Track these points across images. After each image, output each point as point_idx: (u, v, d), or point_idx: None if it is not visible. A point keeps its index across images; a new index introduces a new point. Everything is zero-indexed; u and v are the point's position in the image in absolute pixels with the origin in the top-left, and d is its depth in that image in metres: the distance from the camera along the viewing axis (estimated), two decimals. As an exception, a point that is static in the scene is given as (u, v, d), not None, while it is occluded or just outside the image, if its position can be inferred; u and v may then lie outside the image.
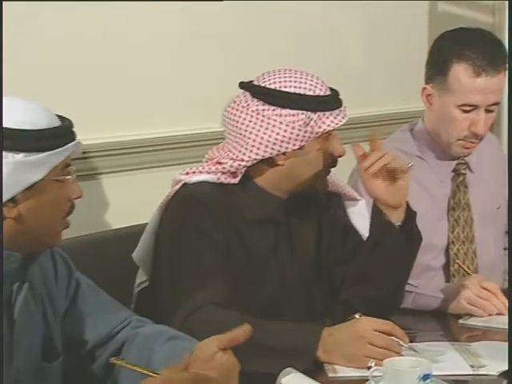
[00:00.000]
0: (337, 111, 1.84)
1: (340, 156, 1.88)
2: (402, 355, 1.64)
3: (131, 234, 2.01)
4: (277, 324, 1.75)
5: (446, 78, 2.17)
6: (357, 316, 1.70)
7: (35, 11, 2.12)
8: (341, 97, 1.89)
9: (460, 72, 2.15)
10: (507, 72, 2.20)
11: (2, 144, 1.34)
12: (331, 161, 1.88)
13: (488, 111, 2.17)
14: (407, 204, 1.88)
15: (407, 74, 2.28)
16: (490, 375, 1.66)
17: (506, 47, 2.27)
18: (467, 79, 2.15)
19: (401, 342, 1.66)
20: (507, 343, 1.62)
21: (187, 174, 1.89)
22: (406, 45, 3.32)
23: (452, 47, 2.18)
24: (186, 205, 1.83)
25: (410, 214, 1.88)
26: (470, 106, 2.16)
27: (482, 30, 2.24)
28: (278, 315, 1.87)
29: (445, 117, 2.20)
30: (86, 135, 1.82)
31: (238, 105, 1.86)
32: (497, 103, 2.19)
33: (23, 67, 2.08)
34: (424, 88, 2.24)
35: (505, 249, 2.41)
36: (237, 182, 1.86)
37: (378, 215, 1.86)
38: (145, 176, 2.41)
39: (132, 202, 2.34)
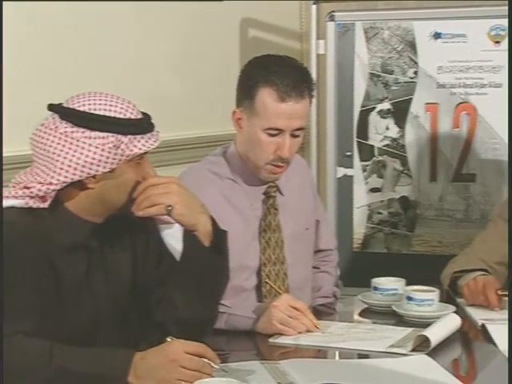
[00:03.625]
0: (148, 135, 1.84)
1: None
2: (213, 376, 1.66)
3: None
4: (88, 350, 1.72)
5: (253, 102, 2.22)
6: (169, 339, 1.71)
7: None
8: (154, 120, 1.89)
9: (266, 97, 2.21)
10: (507, 72, 2.25)
11: (2, 144, 1.29)
12: None
13: (293, 136, 2.24)
14: (215, 223, 1.90)
15: (220, 98, 2.32)
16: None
17: (313, 74, 2.35)
18: (272, 104, 2.20)
19: (212, 364, 1.68)
20: (507, 343, 1.69)
21: (-5, 199, 1.83)
22: (218, 69, 3.38)
23: (259, 72, 2.23)
24: None
25: (220, 234, 1.91)
26: (276, 130, 2.21)
27: (289, 57, 2.31)
28: (92, 341, 1.84)
29: (253, 140, 2.25)
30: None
31: (46, 127, 1.82)
32: (302, 128, 2.25)
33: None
34: (234, 112, 2.28)
35: (313, 267, 2.50)
36: (46, 206, 1.82)
37: (187, 236, 1.87)
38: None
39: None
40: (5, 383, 1.65)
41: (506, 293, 2.25)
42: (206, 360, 1.67)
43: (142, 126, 1.84)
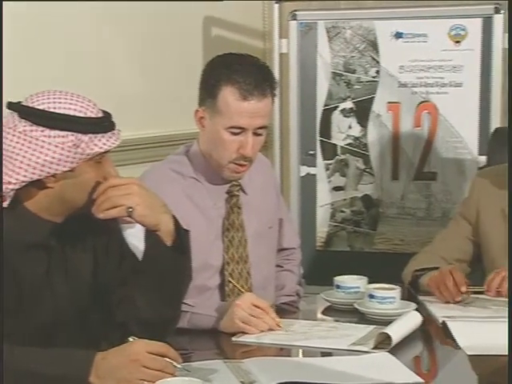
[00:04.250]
0: (109, 134, 1.83)
1: None
2: (175, 376, 1.66)
3: None
4: (49, 351, 1.71)
5: (216, 101, 2.22)
6: (131, 339, 1.70)
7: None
8: (115, 119, 1.88)
9: (228, 95, 2.20)
10: (507, 72, 2.26)
11: (2, 144, 1.26)
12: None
13: (256, 134, 2.24)
14: (177, 223, 1.90)
15: (183, 97, 2.31)
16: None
17: (276, 73, 2.35)
18: (235, 102, 2.20)
19: (174, 363, 1.67)
20: (507, 342, 1.69)
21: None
22: (181, 67, 3.37)
23: (221, 71, 2.23)
24: None
25: (183, 233, 1.90)
26: (238, 128, 2.21)
27: (251, 56, 2.31)
28: (53, 342, 1.82)
29: (216, 139, 2.24)
30: None
31: (4, 126, 1.80)
32: (264, 127, 2.25)
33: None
34: (197, 111, 2.28)
35: (277, 266, 2.50)
36: (5, 205, 1.80)
37: (149, 236, 1.87)
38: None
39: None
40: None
41: (474, 289, 2.27)
42: (168, 360, 1.66)
43: (103, 124, 1.82)
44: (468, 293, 2.27)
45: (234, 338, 2.04)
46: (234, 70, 2.21)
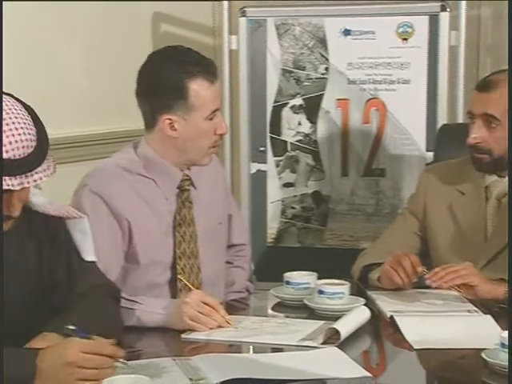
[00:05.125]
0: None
1: None
2: (117, 373, 1.66)
3: None
4: None
5: (187, 100, 2.22)
6: (70, 327, 1.70)
7: None
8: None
9: (198, 88, 2.22)
10: (508, 72, 2.28)
11: (2, 144, 1.20)
12: None
13: None
14: None
15: (131, 94, 2.30)
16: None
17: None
18: (206, 91, 2.23)
19: (121, 361, 1.67)
20: (508, 342, 1.70)
21: None
22: (130, 64, 3.34)
23: (176, 70, 2.23)
24: None
25: None
26: (215, 111, 2.26)
27: (181, 46, 2.32)
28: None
29: (195, 134, 2.25)
30: None
31: None
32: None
33: None
34: (165, 119, 2.24)
35: (227, 262, 2.50)
36: None
37: None
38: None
39: None
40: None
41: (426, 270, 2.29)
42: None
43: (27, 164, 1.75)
44: (423, 273, 2.28)
45: (183, 336, 2.03)
46: (187, 63, 2.23)
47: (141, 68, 2.31)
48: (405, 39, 3.28)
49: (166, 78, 2.24)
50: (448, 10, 3.23)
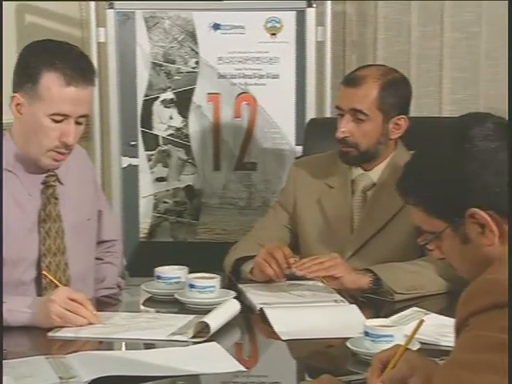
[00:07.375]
0: None
1: None
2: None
3: None
4: None
5: (37, 86, 2.15)
6: None
7: None
8: None
9: (51, 81, 2.15)
10: (508, 72, 2.25)
11: (2, 144, 1.12)
12: None
13: (77, 123, 2.20)
14: None
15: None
16: (77, 385, 1.68)
17: (94, 62, 2.31)
18: (58, 89, 2.15)
19: None
20: (508, 342, 1.68)
21: None
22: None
23: (42, 56, 2.17)
24: None
25: None
26: (61, 115, 2.16)
27: (70, 44, 2.26)
28: None
29: (36, 126, 2.18)
30: None
31: None
32: (86, 115, 2.22)
33: None
34: (13, 97, 2.19)
35: (97, 259, 2.47)
36: None
37: None
38: None
39: None
40: None
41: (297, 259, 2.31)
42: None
43: None
44: (296, 264, 2.30)
45: (49, 334, 1.99)
46: (57, 56, 2.16)
47: None
48: (273, 34, 3.32)
49: (29, 58, 2.19)
50: (314, 6, 3.28)
